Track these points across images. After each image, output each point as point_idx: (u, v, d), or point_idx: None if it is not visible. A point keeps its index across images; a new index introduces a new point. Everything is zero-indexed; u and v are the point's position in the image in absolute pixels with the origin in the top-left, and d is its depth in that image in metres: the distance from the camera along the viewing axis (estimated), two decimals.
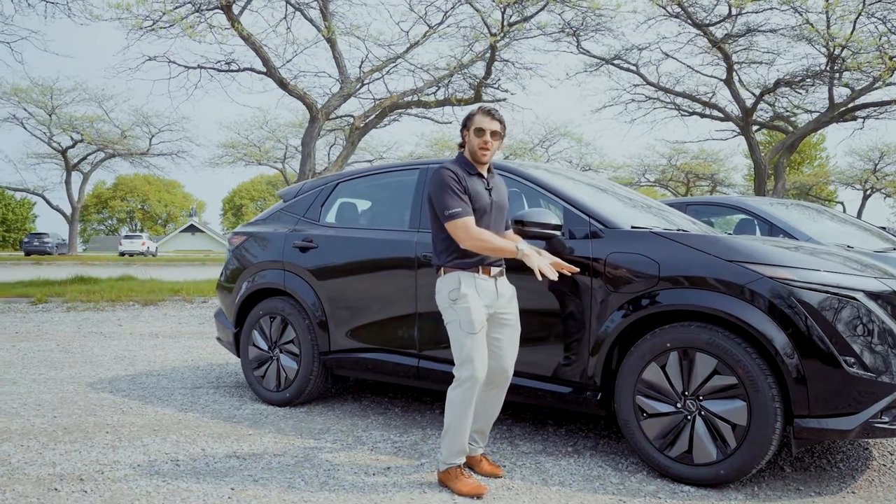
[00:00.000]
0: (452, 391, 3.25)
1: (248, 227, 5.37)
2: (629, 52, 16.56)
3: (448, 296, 3.23)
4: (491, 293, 3.26)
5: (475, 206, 3.23)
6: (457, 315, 3.21)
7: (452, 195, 3.17)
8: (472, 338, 3.18)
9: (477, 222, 3.22)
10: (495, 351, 3.32)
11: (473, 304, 3.19)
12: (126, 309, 11.22)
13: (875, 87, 14.65)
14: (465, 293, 3.19)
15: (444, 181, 3.20)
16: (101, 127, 33.55)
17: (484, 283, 3.25)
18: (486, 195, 3.28)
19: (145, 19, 11.08)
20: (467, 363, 3.18)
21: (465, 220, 3.15)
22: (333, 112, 14.09)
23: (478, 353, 3.19)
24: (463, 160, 3.33)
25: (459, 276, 3.22)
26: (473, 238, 3.15)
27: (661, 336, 3.35)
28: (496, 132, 3.28)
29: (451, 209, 3.16)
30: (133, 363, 6.57)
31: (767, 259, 3.22)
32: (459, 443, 3.25)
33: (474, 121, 3.29)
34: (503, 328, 3.34)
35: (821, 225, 6.24)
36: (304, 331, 4.70)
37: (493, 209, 3.32)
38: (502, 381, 3.39)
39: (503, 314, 3.34)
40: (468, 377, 3.18)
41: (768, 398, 3.08)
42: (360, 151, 35.86)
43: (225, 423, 4.37)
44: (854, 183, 38.83)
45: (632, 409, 3.43)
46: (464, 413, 3.21)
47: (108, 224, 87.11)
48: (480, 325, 3.20)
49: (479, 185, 3.28)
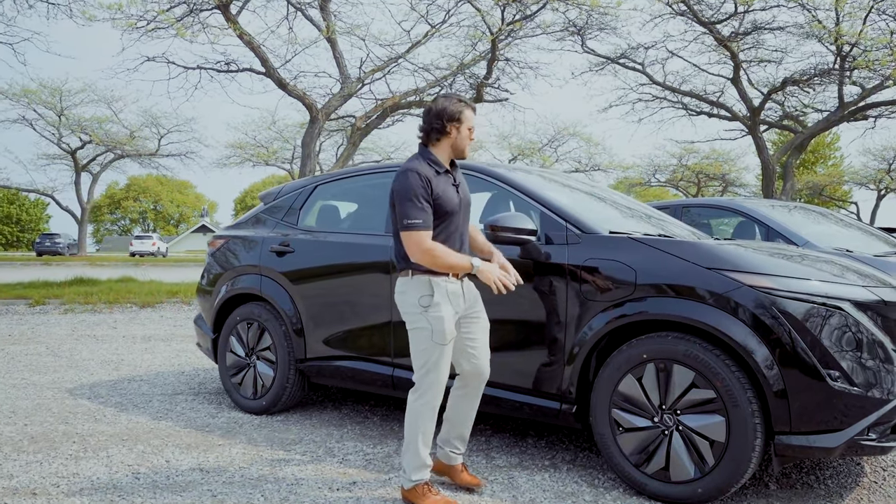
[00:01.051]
0: (414, 402, 3.11)
1: (228, 231, 5.26)
2: (635, 51, 16.35)
3: (419, 301, 3.08)
4: (459, 297, 3.12)
5: (445, 208, 3.06)
6: (428, 324, 3.05)
7: (414, 203, 2.98)
8: (441, 348, 3.05)
9: (447, 225, 3.08)
10: (470, 350, 3.19)
11: (446, 313, 3.05)
12: (123, 311, 11.16)
13: (886, 85, 14.38)
14: (438, 301, 3.05)
15: (409, 186, 3.01)
16: (110, 128, 33.66)
17: (452, 286, 3.10)
18: (455, 195, 3.12)
19: (140, 20, 11.02)
20: (431, 371, 3.06)
21: (420, 233, 2.99)
22: (334, 112, 13.97)
23: (444, 363, 3.07)
24: (430, 158, 3.12)
25: (431, 282, 3.07)
26: (425, 253, 3.00)
27: (638, 347, 3.20)
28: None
29: (410, 218, 2.98)
30: (118, 368, 6.48)
31: (748, 266, 3.06)
32: (421, 457, 3.11)
33: (467, 117, 3.12)
34: (473, 324, 3.21)
35: (822, 228, 6.05)
36: (281, 337, 4.58)
37: (462, 208, 3.17)
38: (479, 382, 3.25)
39: (472, 313, 3.21)
40: (431, 385, 3.06)
41: (748, 413, 2.92)
42: (368, 152, 35.82)
43: (196, 433, 4.25)
44: (868, 183, 38.33)
45: (607, 422, 3.28)
46: (425, 425, 3.08)
47: (121, 224, 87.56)
48: (451, 335, 3.06)
49: (448, 185, 3.11)
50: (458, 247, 3.13)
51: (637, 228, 3.71)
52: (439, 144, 3.15)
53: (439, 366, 3.06)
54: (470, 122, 3.14)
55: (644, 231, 3.64)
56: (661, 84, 17.20)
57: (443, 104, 3.14)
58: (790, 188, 15.80)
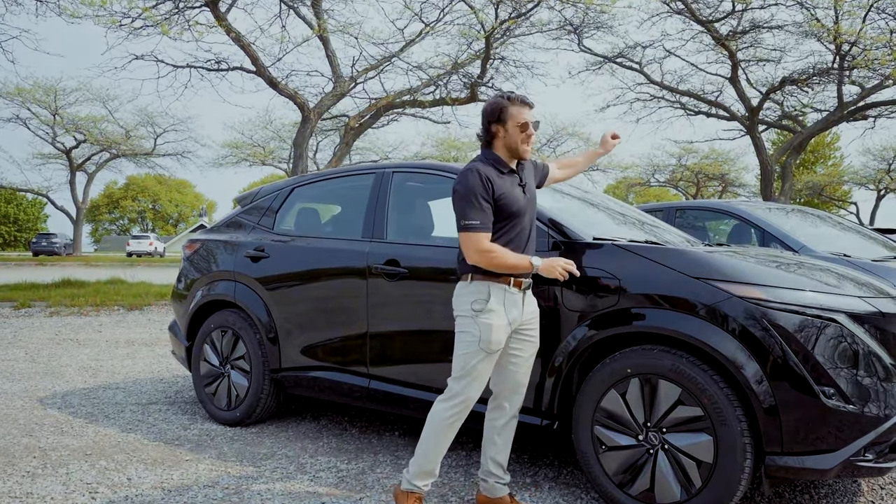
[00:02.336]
0: (440, 403, 2.97)
1: (203, 234, 5.08)
2: (632, 50, 16.18)
3: (472, 305, 2.91)
4: (518, 308, 2.95)
5: (510, 210, 2.90)
6: (477, 328, 2.89)
7: (473, 204, 2.84)
8: (485, 356, 2.89)
9: (512, 227, 2.92)
10: (511, 368, 3.03)
11: (498, 321, 2.88)
12: (110, 314, 10.98)
13: (885, 85, 14.20)
14: (493, 308, 2.89)
15: (469, 186, 2.85)
16: (106, 127, 33.47)
17: (513, 296, 2.93)
18: (521, 195, 2.96)
19: (124, 17, 10.83)
20: (467, 377, 2.91)
21: (478, 235, 2.84)
22: (327, 112, 13.79)
23: (483, 372, 2.92)
24: (494, 158, 2.97)
25: (490, 287, 2.90)
26: (482, 255, 2.85)
27: (622, 360, 3.02)
28: (538, 122, 2.98)
29: (468, 219, 2.84)
30: (96, 375, 6.30)
31: (738, 276, 2.88)
32: (430, 464, 2.97)
33: (511, 114, 2.92)
34: (523, 342, 3.03)
35: (818, 232, 5.87)
36: (255, 346, 4.40)
37: (529, 207, 3.01)
38: (516, 398, 3.09)
39: (526, 329, 3.03)
40: (461, 391, 2.91)
41: (737, 432, 2.74)
42: (365, 152, 35.66)
43: (165, 447, 4.07)
44: (868, 183, 38.16)
45: (590, 440, 3.10)
46: (444, 431, 2.94)
47: (119, 224, 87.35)
48: (498, 345, 2.90)
49: (513, 185, 2.95)
50: (523, 249, 2.97)
51: (625, 234, 3.52)
52: (495, 146, 3.00)
53: (477, 373, 2.91)
54: (518, 118, 2.93)
55: (631, 237, 3.46)
56: (659, 83, 17.02)
57: (487, 104, 3.01)
58: (789, 188, 15.62)
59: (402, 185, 4.10)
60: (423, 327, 3.63)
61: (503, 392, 3.07)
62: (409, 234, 3.96)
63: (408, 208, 4.15)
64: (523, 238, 2.97)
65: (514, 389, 3.07)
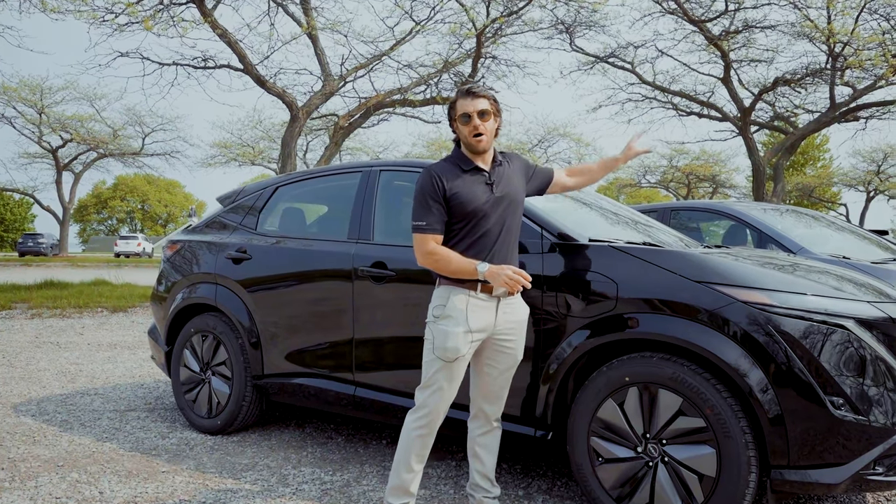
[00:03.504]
0: (409, 415, 2.85)
1: (184, 235, 4.90)
2: (624, 50, 16.07)
3: (433, 311, 2.79)
4: (487, 318, 2.76)
5: (465, 210, 2.72)
6: (432, 335, 2.76)
7: (423, 203, 2.74)
8: (443, 365, 2.73)
9: (472, 228, 2.74)
10: (486, 376, 2.88)
11: (454, 329, 2.71)
12: (93, 316, 10.75)
13: (878, 86, 14.15)
14: (450, 315, 2.73)
15: (420, 186, 2.77)
16: (93, 126, 33.09)
17: (480, 302, 2.74)
18: (483, 193, 2.76)
19: (107, 13, 10.60)
20: (429, 387, 2.77)
21: (424, 236, 2.72)
22: (316, 111, 13.60)
23: (445, 383, 2.76)
24: (458, 156, 2.85)
25: (451, 293, 2.75)
26: (426, 256, 2.73)
27: (619, 369, 2.87)
28: (485, 111, 2.75)
29: (416, 220, 2.75)
30: (74, 380, 6.10)
31: (741, 280, 2.74)
32: (401, 479, 2.82)
33: (457, 107, 2.79)
34: (498, 354, 2.85)
35: (815, 233, 5.75)
36: (237, 351, 4.23)
37: (499, 207, 2.78)
38: (492, 407, 2.93)
39: (503, 341, 2.83)
40: (424, 402, 2.78)
41: (741, 445, 2.60)
42: (356, 152, 35.44)
43: (141, 457, 3.90)
44: (857, 185, 38.26)
45: (586, 452, 2.95)
46: (415, 444, 2.80)
47: (107, 224, 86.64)
48: (455, 354, 2.72)
49: (475, 183, 2.77)
50: (489, 252, 2.74)
51: (621, 236, 3.38)
52: (462, 143, 2.87)
53: (438, 384, 2.76)
54: (460, 110, 2.77)
55: (628, 239, 3.31)
56: (651, 83, 16.92)
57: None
58: (781, 190, 15.54)
59: (390, 185, 3.94)
60: (411, 332, 3.47)
61: (481, 402, 2.93)
62: (397, 236, 3.78)
63: (395, 208, 3.98)
64: (489, 241, 2.76)
65: (491, 400, 2.92)
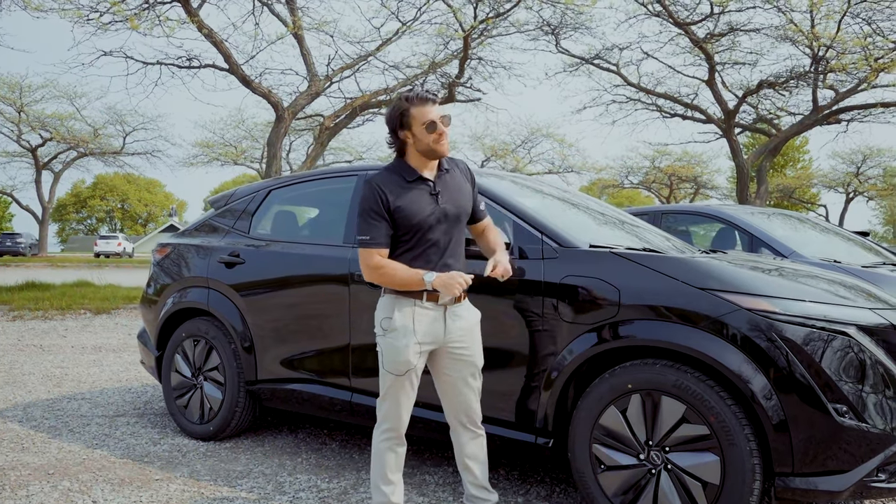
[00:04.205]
0: (374, 431, 2.84)
1: (175, 239, 4.83)
2: (609, 52, 16.12)
3: (381, 324, 2.75)
4: (435, 327, 2.73)
5: (410, 222, 2.68)
6: (382, 348, 2.74)
7: (367, 218, 2.68)
8: (395, 379, 2.72)
9: (417, 240, 2.70)
10: (448, 387, 2.84)
11: (403, 341, 2.69)
12: (76, 318, 10.61)
13: (860, 89, 14.31)
14: (397, 327, 2.69)
15: (361, 199, 2.71)
16: (73, 125, 32.68)
17: (427, 312, 2.72)
18: (428, 206, 2.71)
19: (92, 11, 10.45)
20: (386, 401, 2.77)
21: (368, 250, 2.68)
22: (301, 111, 13.52)
23: (400, 395, 2.75)
24: (402, 166, 2.76)
25: (395, 304, 2.71)
26: (372, 271, 2.69)
27: (622, 375, 2.86)
28: (445, 116, 2.70)
29: (360, 234, 2.70)
30: (60, 384, 6.01)
31: (745, 287, 2.74)
32: (382, 494, 2.79)
33: (414, 115, 2.66)
34: (454, 363, 2.81)
35: (804, 236, 5.79)
36: (230, 357, 4.17)
37: (444, 220, 2.74)
38: (465, 417, 2.89)
39: (456, 348, 2.80)
40: (385, 417, 2.78)
41: (745, 453, 2.60)
42: (339, 152, 35.29)
43: (134, 464, 3.83)
44: (837, 186, 38.73)
45: (587, 459, 2.93)
46: (382, 459, 2.78)
47: (87, 224, 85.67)
48: (406, 367, 2.71)
49: (420, 195, 2.71)
50: (438, 262, 2.72)
51: (620, 241, 3.37)
52: (408, 153, 2.78)
53: (392, 396, 2.75)
54: (424, 117, 2.66)
55: (628, 244, 3.30)
56: (636, 85, 16.99)
57: (387, 112, 2.76)
58: (764, 191, 15.68)
59: None
60: None
61: (455, 413, 2.89)
62: None
63: None
64: (437, 251, 2.73)
65: (463, 410, 2.88)
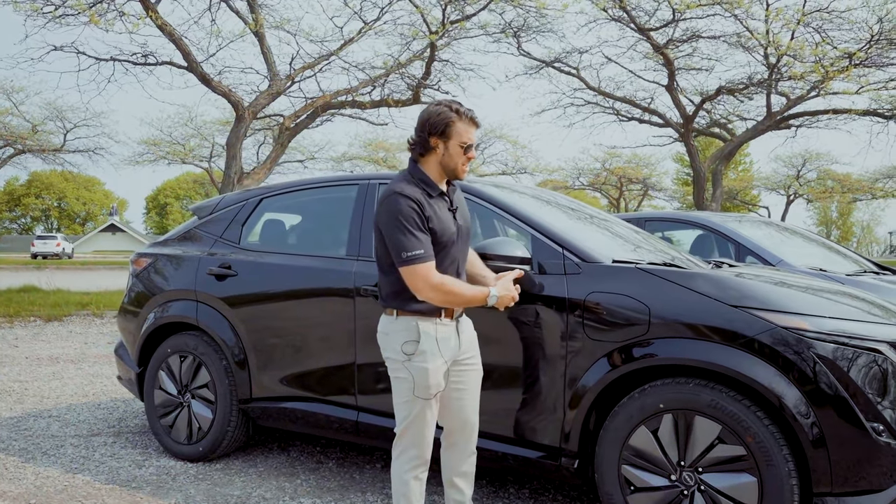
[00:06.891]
0: (396, 459, 2.68)
1: (156, 248, 4.58)
2: (570, 56, 16.21)
3: (402, 348, 2.59)
4: (453, 341, 2.65)
5: (442, 238, 2.57)
6: (410, 374, 2.59)
7: (410, 233, 2.48)
8: (424, 402, 2.59)
9: (442, 258, 2.59)
10: (455, 401, 2.73)
11: (433, 364, 2.58)
12: (26, 325, 10.10)
13: (811, 95, 14.74)
14: (425, 349, 2.57)
15: (400, 213, 2.49)
16: (10, 121, 31.25)
17: (445, 329, 2.62)
18: (451, 221, 2.62)
19: (46, 4, 9.95)
20: (412, 428, 2.63)
21: (425, 265, 2.49)
22: (261, 111, 13.19)
23: (429, 418, 2.64)
24: (422, 177, 2.61)
25: (419, 326, 2.58)
26: (436, 289, 2.51)
27: (653, 395, 2.80)
28: (478, 144, 2.64)
29: (409, 251, 2.48)
30: (22, 400, 5.66)
31: (778, 304, 2.70)
32: None
33: (458, 131, 2.56)
34: (464, 373, 2.74)
35: (790, 244, 5.86)
36: (221, 374, 3.97)
37: (461, 236, 2.67)
38: (465, 436, 2.79)
39: (465, 359, 2.74)
40: (411, 444, 2.64)
41: (784, 473, 2.56)
42: (290, 151, 34.56)
43: (121, 490, 3.60)
44: (778, 188, 39.91)
45: (616, 480, 2.86)
46: (407, 487, 2.65)
47: (21, 223, 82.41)
48: (437, 389, 2.60)
49: (444, 211, 2.61)
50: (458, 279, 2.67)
51: (642, 257, 3.30)
52: (427, 160, 2.63)
53: (422, 421, 2.62)
54: (463, 136, 2.58)
55: (649, 260, 3.24)
56: (596, 89, 17.13)
57: (428, 112, 2.62)
58: (720, 195, 16.02)
59: None
60: None
61: (453, 429, 2.79)
62: None
63: None
64: (455, 268, 2.66)
65: (463, 426, 2.79)
